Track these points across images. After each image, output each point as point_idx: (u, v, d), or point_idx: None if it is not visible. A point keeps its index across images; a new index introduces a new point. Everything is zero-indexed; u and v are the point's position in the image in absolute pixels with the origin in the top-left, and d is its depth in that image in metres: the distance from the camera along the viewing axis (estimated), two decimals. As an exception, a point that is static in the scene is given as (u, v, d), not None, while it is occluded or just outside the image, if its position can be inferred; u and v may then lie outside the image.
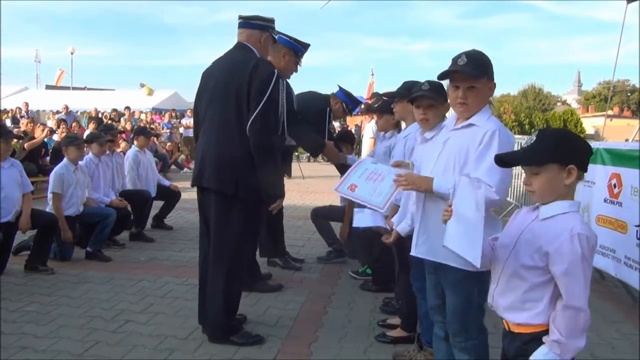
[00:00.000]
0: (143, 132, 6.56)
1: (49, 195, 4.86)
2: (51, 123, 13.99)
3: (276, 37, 3.80)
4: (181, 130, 16.86)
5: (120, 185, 5.96)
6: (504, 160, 1.87)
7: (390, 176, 2.55)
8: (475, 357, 2.31)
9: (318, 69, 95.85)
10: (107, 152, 5.67)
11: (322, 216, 5.31)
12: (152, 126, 14.74)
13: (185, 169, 13.95)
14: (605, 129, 17.51)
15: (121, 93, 23.43)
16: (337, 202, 5.92)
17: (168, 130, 15.49)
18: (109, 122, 14.36)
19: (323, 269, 5.06)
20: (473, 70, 2.22)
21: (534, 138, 1.80)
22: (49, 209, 4.87)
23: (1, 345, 3.13)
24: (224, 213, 3.18)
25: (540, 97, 48.95)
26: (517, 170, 6.44)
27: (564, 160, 1.73)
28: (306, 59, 4.32)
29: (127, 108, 16.11)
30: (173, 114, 17.19)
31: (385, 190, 2.55)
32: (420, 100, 2.80)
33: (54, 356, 3.03)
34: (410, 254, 2.47)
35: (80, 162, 5.09)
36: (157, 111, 18.71)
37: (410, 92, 3.24)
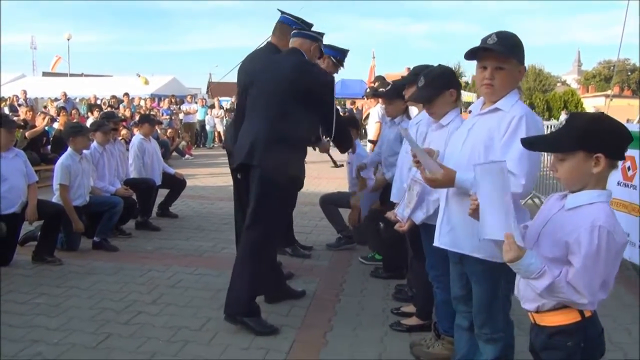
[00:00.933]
0: (147, 120, 6.47)
1: (55, 187, 4.79)
2: (52, 111, 13.86)
3: (280, 17, 4.13)
4: (181, 116, 16.76)
5: (124, 174, 5.89)
6: (530, 142, 1.81)
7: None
8: (501, 349, 2.27)
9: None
10: (111, 140, 5.59)
11: (331, 202, 5.26)
12: (151, 113, 14.61)
13: (187, 156, 13.87)
14: (606, 109, 17.39)
15: (119, 79, 23.27)
16: (344, 188, 5.87)
17: (168, 117, 15.37)
18: (109, 109, 14.27)
19: (332, 256, 5.02)
20: (503, 49, 2.14)
21: (564, 122, 1.74)
22: (55, 199, 4.80)
23: (10, 338, 3.09)
24: (266, 190, 3.34)
25: (541, 77, 48.66)
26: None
27: (591, 147, 1.65)
28: None
29: (126, 95, 15.95)
30: (172, 100, 17.04)
31: None
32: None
33: (66, 349, 2.99)
34: (434, 244, 2.41)
35: (84, 151, 5.01)
36: (156, 97, 18.55)
37: (415, 76, 3.19)
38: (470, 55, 2.24)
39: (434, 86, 2.71)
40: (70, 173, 4.73)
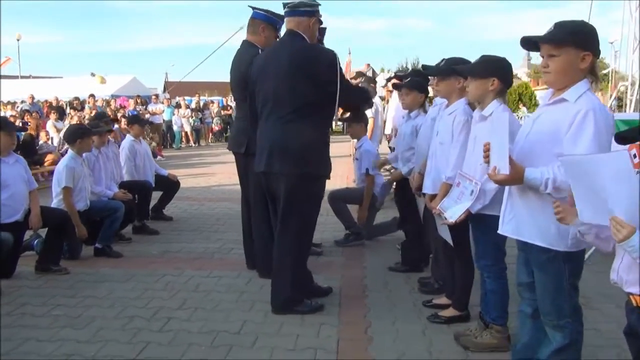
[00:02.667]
0: (137, 121, 6.27)
1: (57, 191, 4.56)
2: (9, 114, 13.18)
3: (252, 13, 4.11)
4: (147, 117, 16.29)
5: (119, 177, 5.67)
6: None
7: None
8: (569, 335, 2.27)
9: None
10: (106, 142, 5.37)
11: (340, 199, 5.23)
12: (117, 114, 14.12)
13: (159, 157, 13.51)
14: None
15: (72, 80, 22.36)
16: (343, 184, 5.87)
17: (135, 118, 14.88)
18: (72, 111, 13.73)
19: (344, 252, 5.00)
20: (550, 37, 2.14)
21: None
22: (54, 205, 4.58)
23: (41, 354, 2.93)
24: (293, 193, 3.38)
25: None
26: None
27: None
28: None
29: (92, 96, 15.36)
30: (138, 100, 16.55)
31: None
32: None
33: (107, 362, 2.86)
34: (498, 231, 2.42)
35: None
36: (118, 98, 17.97)
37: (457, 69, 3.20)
38: (527, 46, 2.27)
39: (476, 73, 2.73)
40: (74, 176, 4.51)
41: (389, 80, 5.04)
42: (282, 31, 4.18)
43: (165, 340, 3.10)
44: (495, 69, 2.71)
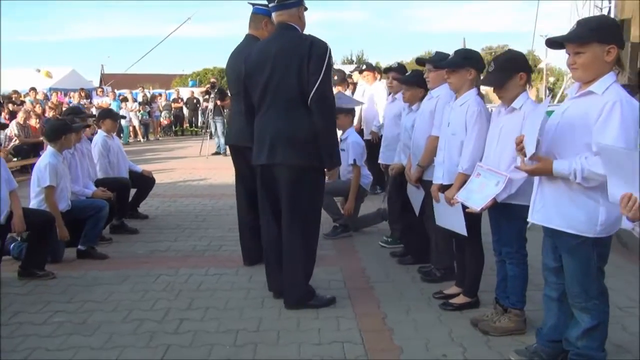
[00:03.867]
0: (109, 115, 5.97)
1: (36, 191, 4.29)
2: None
3: (253, 8, 4.17)
4: (93, 110, 15.56)
5: (94, 174, 5.41)
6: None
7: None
8: (597, 317, 2.40)
9: (213, 41, 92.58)
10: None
11: (326, 192, 5.21)
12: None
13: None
14: (490, 91, 18.83)
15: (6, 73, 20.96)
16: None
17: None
18: (10, 105, 12.88)
19: (334, 244, 5.01)
20: (575, 36, 2.28)
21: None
22: (33, 205, 4.30)
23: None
24: (297, 185, 3.38)
25: (436, 64, 51.15)
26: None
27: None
28: (198, 30, 4.56)
29: (33, 89, 14.48)
30: (82, 94, 15.78)
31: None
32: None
33: (131, 368, 2.74)
34: (528, 219, 2.52)
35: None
36: (62, 91, 17.07)
37: (469, 60, 3.28)
38: (553, 45, 2.38)
39: (503, 70, 2.81)
40: (57, 174, 4.25)
41: (387, 71, 5.04)
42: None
43: (185, 342, 3.00)
44: (522, 64, 2.82)
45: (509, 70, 2.80)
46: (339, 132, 4.92)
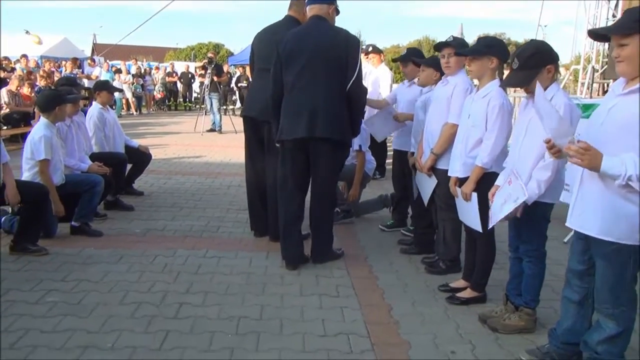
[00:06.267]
0: (105, 87, 5.75)
1: (29, 164, 4.12)
2: None
3: None
4: (85, 82, 15.21)
5: (89, 148, 5.22)
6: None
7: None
8: (623, 324, 2.31)
9: (209, 16, 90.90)
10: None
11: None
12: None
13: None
14: None
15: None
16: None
17: (73, 82, 13.82)
18: (0, 71, 12.51)
19: (335, 230, 4.88)
20: (617, 27, 2.17)
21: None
22: (26, 178, 4.14)
23: (51, 347, 2.66)
24: (332, 158, 3.81)
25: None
26: None
27: None
28: (195, 4, 4.77)
29: (24, 56, 14.07)
30: (75, 64, 15.38)
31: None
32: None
33: (130, 353, 2.63)
34: (566, 224, 2.39)
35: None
36: (53, 60, 16.65)
37: (491, 49, 3.14)
38: (597, 38, 2.27)
39: (529, 67, 2.66)
40: (52, 146, 4.08)
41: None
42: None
43: (185, 329, 2.90)
44: (547, 57, 2.67)
45: (534, 67, 2.64)
46: None
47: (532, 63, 2.67)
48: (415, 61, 4.29)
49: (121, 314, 3.05)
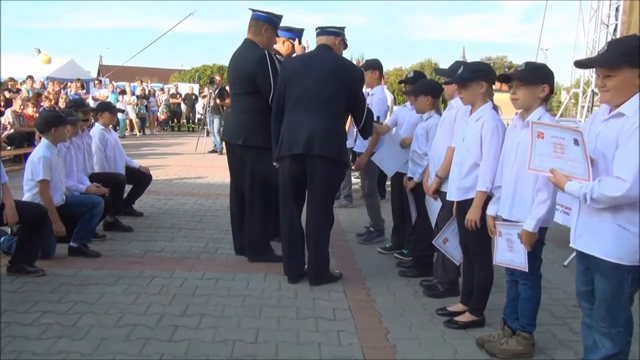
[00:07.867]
0: (108, 108, 5.82)
1: (30, 185, 4.14)
2: None
3: (253, 14, 4.36)
4: (90, 102, 15.37)
5: (90, 169, 5.26)
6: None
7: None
8: (619, 345, 2.31)
9: (213, 38, 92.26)
10: (79, 132, 4.95)
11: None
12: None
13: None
14: (504, 105, 18.82)
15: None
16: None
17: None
18: (6, 92, 12.67)
19: (333, 252, 4.86)
20: (604, 61, 2.22)
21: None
22: (27, 199, 4.16)
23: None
24: (330, 175, 3.90)
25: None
26: None
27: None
28: (199, 26, 4.87)
29: (30, 77, 14.25)
30: (78, 84, 15.57)
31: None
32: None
33: (123, 377, 2.61)
34: (570, 245, 2.39)
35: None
36: (59, 81, 16.82)
37: (479, 74, 3.18)
38: (582, 66, 2.32)
39: (529, 78, 2.70)
40: (51, 167, 4.11)
41: (400, 83, 5.00)
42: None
43: (179, 352, 2.88)
44: (545, 76, 2.70)
45: (530, 82, 2.69)
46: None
47: (530, 77, 2.71)
48: (406, 92, 4.41)
49: (116, 336, 3.03)
